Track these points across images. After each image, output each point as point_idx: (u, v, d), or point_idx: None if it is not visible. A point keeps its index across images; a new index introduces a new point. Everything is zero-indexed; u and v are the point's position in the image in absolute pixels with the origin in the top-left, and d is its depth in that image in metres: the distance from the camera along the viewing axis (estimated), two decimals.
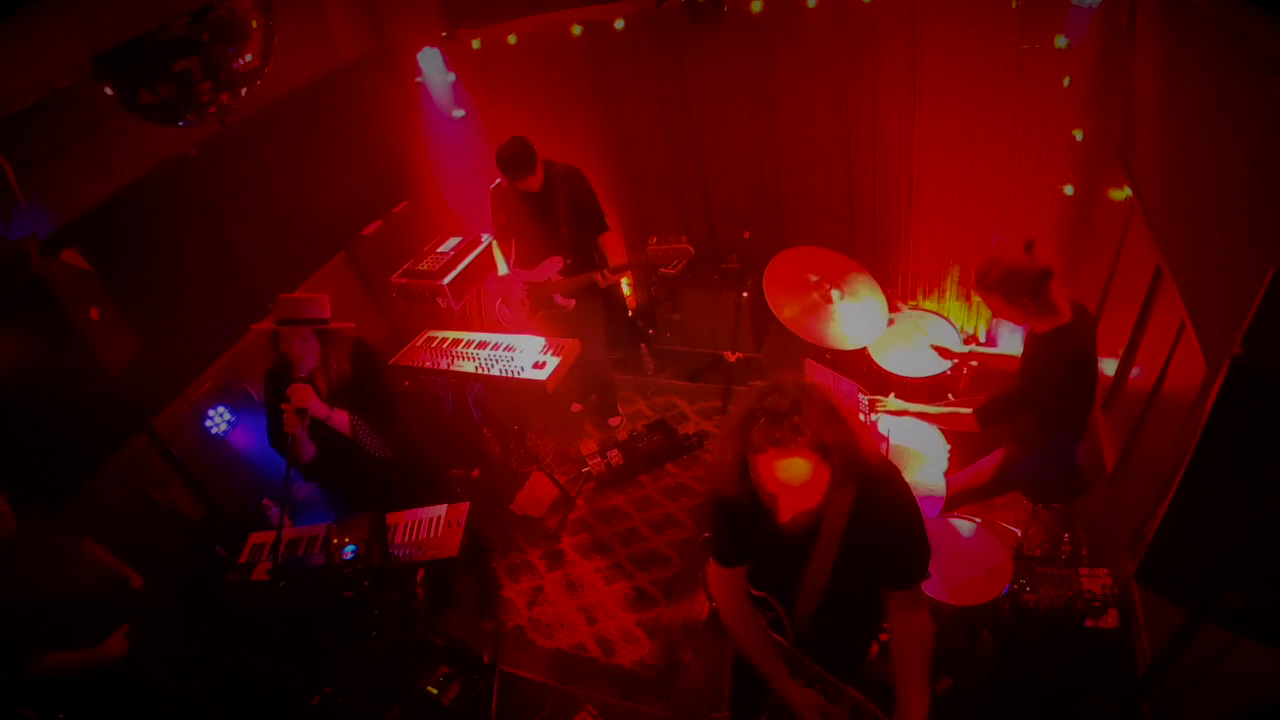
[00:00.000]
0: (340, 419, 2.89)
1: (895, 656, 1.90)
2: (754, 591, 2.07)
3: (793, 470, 1.61)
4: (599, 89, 4.52)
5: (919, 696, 1.84)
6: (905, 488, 1.84)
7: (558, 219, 3.87)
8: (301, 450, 2.91)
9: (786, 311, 3.33)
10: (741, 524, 1.87)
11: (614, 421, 4.65)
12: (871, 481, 1.76)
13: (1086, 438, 2.88)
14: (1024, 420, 2.80)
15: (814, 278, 3.46)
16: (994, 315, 2.71)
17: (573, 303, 4.03)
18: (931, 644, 1.90)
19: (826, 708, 1.99)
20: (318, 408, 2.80)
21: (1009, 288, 2.50)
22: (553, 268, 3.98)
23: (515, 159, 3.64)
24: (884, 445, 2.78)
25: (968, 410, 2.81)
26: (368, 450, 2.97)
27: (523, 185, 3.75)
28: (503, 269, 4.20)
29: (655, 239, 4.01)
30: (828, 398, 1.68)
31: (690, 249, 3.80)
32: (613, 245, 4.07)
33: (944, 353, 3.23)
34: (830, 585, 1.86)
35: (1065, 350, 2.56)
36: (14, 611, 2.34)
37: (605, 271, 3.94)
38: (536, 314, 4.17)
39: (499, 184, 3.94)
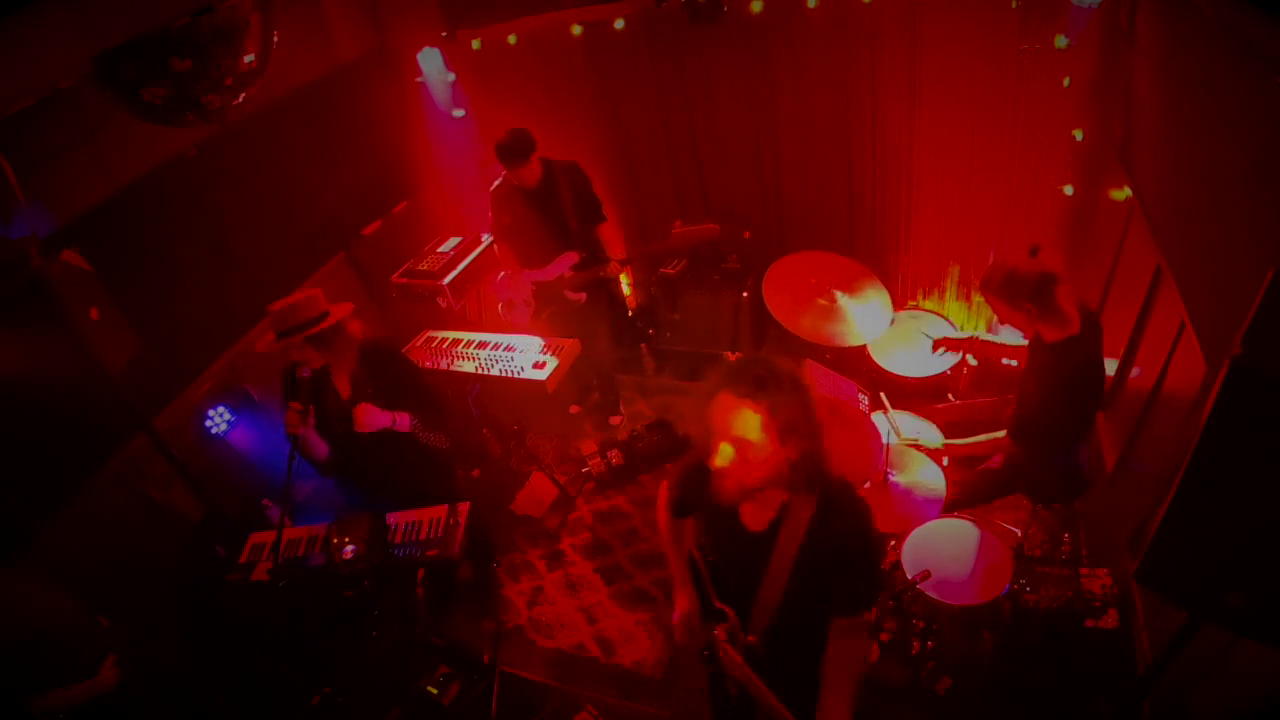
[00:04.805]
0: (402, 421, 2.94)
1: (824, 676, 1.86)
2: (715, 604, 2.04)
3: (741, 422, 1.59)
4: (599, 89, 4.52)
5: (839, 715, 1.80)
6: (866, 515, 1.81)
7: (565, 214, 3.88)
8: (313, 450, 2.91)
9: (792, 319, 3.32)
10: (702, 498, 1.85)
11: (615, 420, 4.65)
12: (832, 500, 1.76)
13: (1088, 438, 2.88)
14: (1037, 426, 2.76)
15: (814, 280, 3.46)
16: (999, 320, 2.65)
17: (584, 296, 4.06)
18: (862, 672, 1.88)
19: (695, 622, 2.10)
20: (380, 417, 2.85)
21: (1011, 291, 2.45)
22: (567, 263, 3.97)
23: (517, 145, 3.63)
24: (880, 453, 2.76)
25: (1001, 434, 2.78)
26: (428, 445, 3.01)
27: (519, 179, 3.75)
28: (504, 271, 4.21)
29: (679, 222, 4.03)
30: (813, 395, 1.67)
31: (716, 228, 3.79)
32: (608, 237, 4.11)
33: (944, 342, 3.18)
34: (785, 600, 1.83)
35: (1079, 362, 2.51)
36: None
37: (616, 261, 3.97)
38: (543, 314, 4.17)
39: (499, 185, 3.93)
